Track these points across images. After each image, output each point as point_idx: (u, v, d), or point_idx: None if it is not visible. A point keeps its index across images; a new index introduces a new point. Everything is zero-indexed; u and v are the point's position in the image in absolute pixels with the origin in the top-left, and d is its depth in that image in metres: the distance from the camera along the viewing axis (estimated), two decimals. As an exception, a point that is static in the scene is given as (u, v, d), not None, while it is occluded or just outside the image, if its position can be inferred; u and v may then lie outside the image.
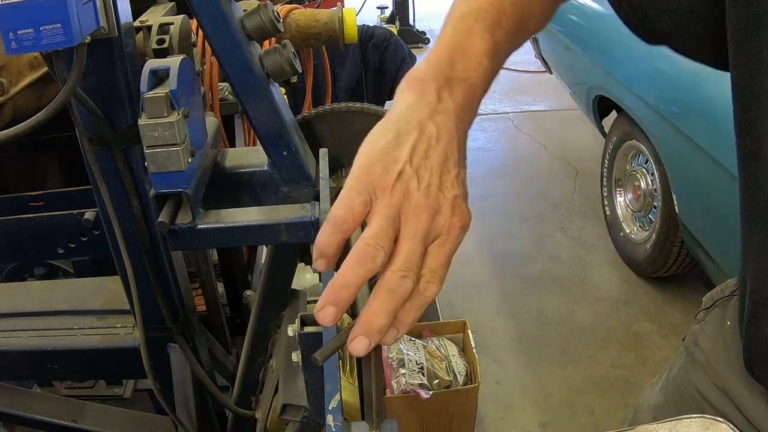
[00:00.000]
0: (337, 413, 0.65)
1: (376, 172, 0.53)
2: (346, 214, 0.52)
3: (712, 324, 0.94)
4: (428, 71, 0.60)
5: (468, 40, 0.62)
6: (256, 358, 1.39)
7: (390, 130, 0.55)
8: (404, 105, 0.58)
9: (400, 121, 0.56)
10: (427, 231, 0.52)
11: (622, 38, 2.77)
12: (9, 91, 1.26)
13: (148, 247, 1.12)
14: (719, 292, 0.95)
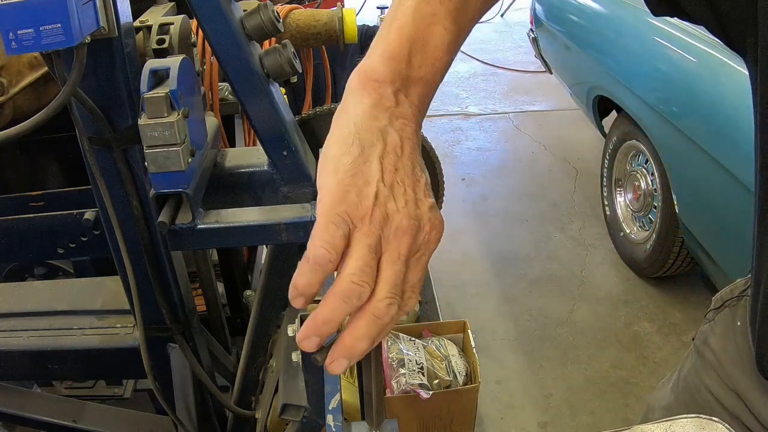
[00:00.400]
0: (337, 413, 0.65)
1: (351, 201, 0.50)
2: (328, 254, 0.50)
3: (722, 324, 0.94)
4: (385, 71, 0.56)
5: (429, 30, 0.58)
6: (256, 358, 1.39)
7: (352, 144, 0.52)
8: (360, 109, 0.54)
9: (361, 131, 0.53)
10: (409, 252, 0.51)
11: (622, 38, 2.77)
12: (9, 91, 1.26)
13: (148, 247, 1.12)
14: (729, 293, 0.95)
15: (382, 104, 0.55)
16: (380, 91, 0.55)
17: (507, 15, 7.13)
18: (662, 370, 2.42)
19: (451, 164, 3.98)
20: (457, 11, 0.60)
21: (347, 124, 0.54)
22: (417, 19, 0.59)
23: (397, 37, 0.58)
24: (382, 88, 0.56)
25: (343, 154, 0.52)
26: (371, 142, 0.52)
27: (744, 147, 1.86)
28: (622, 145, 2.89)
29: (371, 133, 0.53)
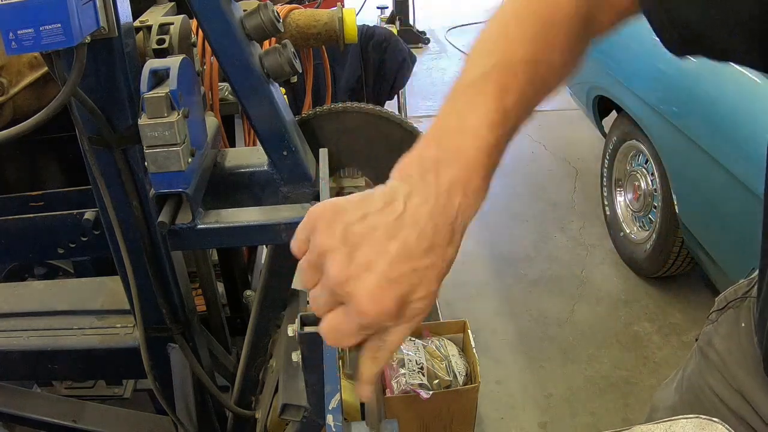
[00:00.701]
0: (337, 413, 0.65)
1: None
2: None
3: (726, 325, 0.94)
4: (414, 155, 0.54)
5: (466, 114, 0.55)
6: (256, 358, 1.39)
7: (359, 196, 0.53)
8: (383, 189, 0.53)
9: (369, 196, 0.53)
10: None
11: (622, 38, 2.77)
12: (9, 91, 1.25)
13: (148, 247, 1.12)
14: (732, 294, 0.95)
15: (405, 182, 0.54)
16: (406, 172, 0.55)
17: (507, 15, 7.12)
18: (662, 370, 2.42)
19: (451, 164, 3.97)
20: (500, 93, 0.57)
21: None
22: (452, 109, 0.57)
23: (433, 125, 0.57)
24: (409, 169, 0.54)
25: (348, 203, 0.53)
26: (372, 199, 0.53)
27: (744, 147, 1.86)
28: (622, 145, 2.89)
29: (378, 196, 0.53)
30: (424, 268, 0.52)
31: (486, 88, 0.55)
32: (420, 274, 0.52)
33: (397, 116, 1.21)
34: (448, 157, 0.53)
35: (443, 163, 0.53)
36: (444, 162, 0.53)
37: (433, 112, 4.79)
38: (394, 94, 2.70)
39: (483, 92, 0.55)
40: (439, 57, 6.03)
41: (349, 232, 0.51)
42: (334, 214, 0.52)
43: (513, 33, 0.60)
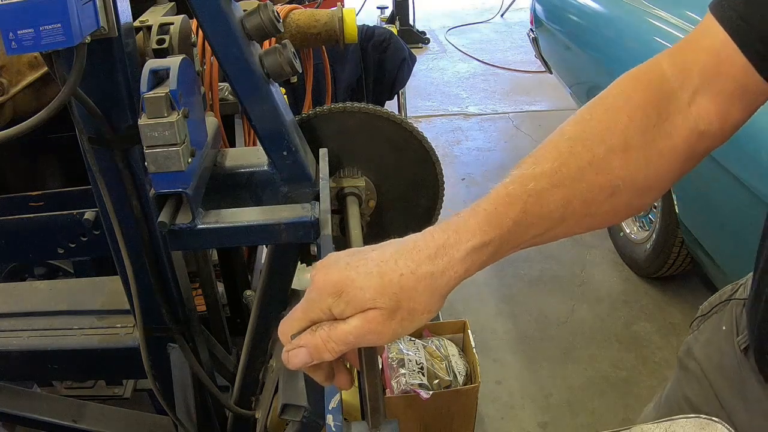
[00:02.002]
0: (337, 413, 0.65)
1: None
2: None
3: (707, 332, 0.94)
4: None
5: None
6: (256, 358, 1.39)
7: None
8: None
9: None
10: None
11: (622, 38, 2.77)
12: (9, 91, 1.25)
13: (148, 247, 1.12)
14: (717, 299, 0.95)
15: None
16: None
17: (507, 15, 7.13)
18: (662, 370, 2.42)
19: (451, 164, 3.98)
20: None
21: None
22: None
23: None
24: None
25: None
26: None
27: (744, 147, 1.86)
28: (622, 145, 2.88)
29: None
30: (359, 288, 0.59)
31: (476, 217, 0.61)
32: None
33: (397, 116, 1.21)
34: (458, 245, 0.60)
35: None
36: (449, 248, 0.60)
37: (433, 111, 4.81)
38: (394, 94, 2.70)
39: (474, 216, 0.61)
40: (439, 57, 6.03)
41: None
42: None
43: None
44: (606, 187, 0.63)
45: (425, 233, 0.61)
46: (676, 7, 2.45)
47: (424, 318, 0.59)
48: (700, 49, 0.66)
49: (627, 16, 2.75)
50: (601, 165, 0.62)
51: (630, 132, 0.63)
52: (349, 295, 0.59)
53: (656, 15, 2.51)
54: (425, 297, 0.59)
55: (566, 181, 0.61)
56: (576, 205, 0.62)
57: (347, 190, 1.20)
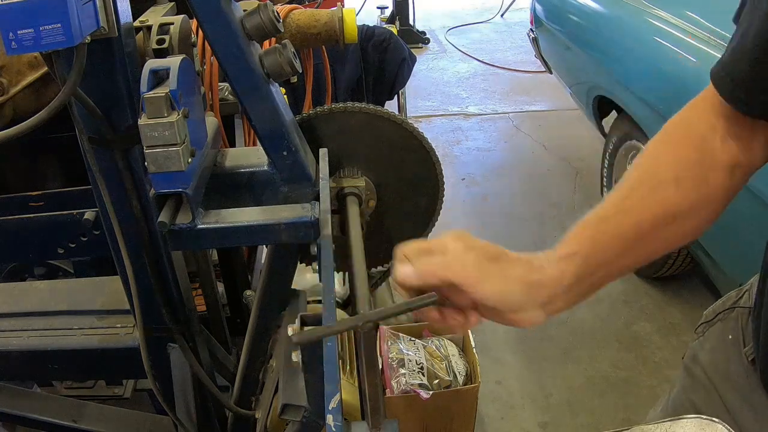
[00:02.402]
0: (337, 413, 0.65)
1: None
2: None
3: (712, 339, 0.93)
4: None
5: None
6: (256, 358, 1.39)
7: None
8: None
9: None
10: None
11: (622, 38, 2.77)
12: (9, 91, 1.25)
13: (148, 247, 1.12)
14: (721, 305, 0.94)
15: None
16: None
17: (507, 15, 7.13)
18: (662, 370, 2.42)
19: (451, 164, 3.98)
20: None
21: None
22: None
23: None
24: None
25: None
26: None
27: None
28: (622, 145, 2.89)
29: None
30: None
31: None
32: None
33: (397, 116, 1.21)
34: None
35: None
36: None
37: (432, 111, 4.81)
38: (394, 94, 2.70)
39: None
40: (439, 57, 6.03)
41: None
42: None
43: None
44: (668, 214, 0.74)
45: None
46: (676, 7, 2.45)
47: (515, 300, 0.68)
48: (711, 103, 0.77)
49: (627, 16, 2.75)
50: (660, 195, 0.75)
51: (678, 167, 0.76)
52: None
53: (656, 15, 2.51)
54: (518, 273, 0.69)
55: (633, 208, 0.75)
56: (645, 229, 0.74)
57: (347, 190, 1.20)
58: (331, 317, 0.79)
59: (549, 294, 0.70)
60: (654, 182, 0.75)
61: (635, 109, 2.59)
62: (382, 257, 1.40)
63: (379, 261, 1.41)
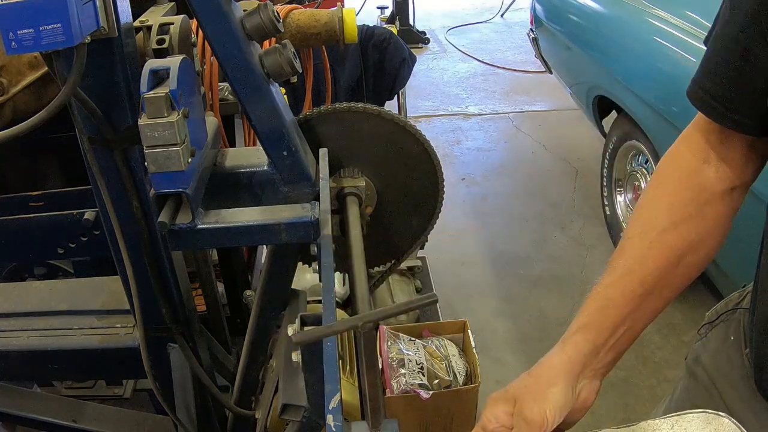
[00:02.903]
0: (337, 413, 0.65)
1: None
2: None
3: (714, 340, 0.94)
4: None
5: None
6: (256, 358, 1.39)
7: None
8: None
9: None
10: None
11: (622, 38, 2.77)
12: (9, 91, 1.26)
13: (148, 247, 1.12)
14: (723, 306, 0.95)
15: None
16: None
17: (507, 15, 7.13)
18: (662, 370, 2.42)
19: (451, 164, 3.98)
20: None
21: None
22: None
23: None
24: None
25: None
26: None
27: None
28: (622, 145, 2.89)
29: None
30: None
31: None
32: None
33: (397, 116, 1.21)
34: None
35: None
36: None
37: (432, 111, 4.81)
38: (394, 94, 2.70)
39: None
40: (439, 57, 6.03)
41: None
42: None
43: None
44: (672, 259, 0.78)
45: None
46: (676, 7, 2.45)
47: (550, 392, 0.73)
48: (701, 132, 0.80)
49: (627, 16, 2.75)
50: (660, 245, 0.78)
51: (673, 212, 0.79)
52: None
53: (656, 15, 2.51)
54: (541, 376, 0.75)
55: (635, 266, 0.78)
56: (652, 281, 0.77)
57: (347, 190, 1.20)
58: (331, 317, 0.79)
59: (579, 367, 0.75)
60: (652, 235, 0.78)
61: (635, 109, 2.60)
62: (383, 257, 1.40)
63: (379, 261, 1.41)
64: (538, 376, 0.75)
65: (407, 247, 1.38)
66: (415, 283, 2.36)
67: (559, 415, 0.73)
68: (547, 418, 0.71)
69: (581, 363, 0.75)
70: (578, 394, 0.76)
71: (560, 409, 0.73)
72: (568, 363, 0.75)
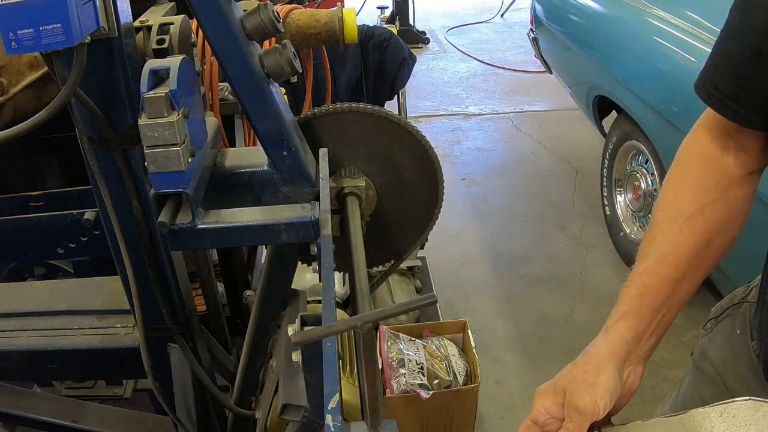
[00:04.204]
0: (336, 413, 0.65)
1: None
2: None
3: (720, 335, 0.94)
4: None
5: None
6: (256, 358, 1.39)
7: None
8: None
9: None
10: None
11: (622, 38, 2.77)
12: (9, 91, 1.26)
13: (148, 247, 1.12)
14: (728, 301, 0.95)
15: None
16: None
17: (507, 15, 7.13)
18: (661, 370, 2.42)
19: (451, 164, 3.98)
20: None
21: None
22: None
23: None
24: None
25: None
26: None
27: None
28: (622, 145, 2.89)
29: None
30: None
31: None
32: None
33: (397, 116, 1.21)
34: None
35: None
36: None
37: (432, 111, 4.81)
38: (394, 94, 2.70)
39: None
40: (439, 57, 6.03)
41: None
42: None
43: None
44: (701, 243, 0.81)
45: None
46: (676, 7, 2.45)
47: (599, 379, 0.75)
48: (718, 122, 0.83)
49: (627, 16, 2.75)
50: (689, 230, 0.81)
51: (699, 197, 0.82)
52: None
53: (656, 15, 2.51)
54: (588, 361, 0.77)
55: (668, 252, 0.81)
56: (685, 265, 0.81)
57: (347, 190, 1.20)
58: (331, 317, 0.79)
59: (624, 354, 0.77)
60: (681, 220, 0.82)
61: (635, 109, 2.60)
62: (383, 257, 1.40)
63: (379, 261, 1.41)
64: (585, 366, 0.76)
65: (407, 247, 1.38)
66: (415, 283, 2.36)
67: (609, 403, 0.74)
68: (599, 406, 0.73)
69: (626, 350, 0.77)
70: (625, 380, 0.78)
71: (610, 396, 0.74)
72: (614, 351, 0.76)
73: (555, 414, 0.76)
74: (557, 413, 0.76)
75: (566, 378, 0.77)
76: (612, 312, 0.81)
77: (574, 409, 0.74)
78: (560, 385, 0.77)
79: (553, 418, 0.76)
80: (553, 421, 0.76)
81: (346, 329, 0.68)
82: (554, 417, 0.76)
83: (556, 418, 0.76)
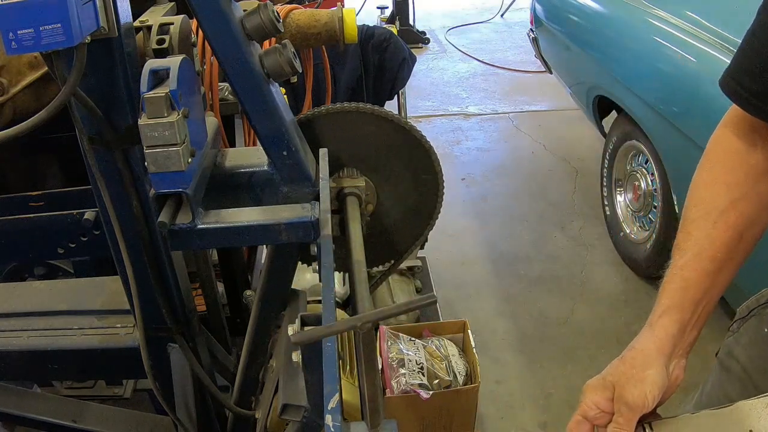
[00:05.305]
0: (336, 413, 0.65)
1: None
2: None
3: (748, 334, 0.95)
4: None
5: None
6: (256, 358, 1.39)
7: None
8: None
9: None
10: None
11: (622, 38, 2.77)
12: (9, 91, 1.26)
13: (148, 247, 1.12)
14: (755, 302, 0.96)
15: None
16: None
17: (507, 15, 7.13)
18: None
19: (451, 164, 3.98)
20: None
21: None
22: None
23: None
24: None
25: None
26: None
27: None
28: (622, 145, 2.89)
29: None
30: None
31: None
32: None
33: (397, 116, 1.21)
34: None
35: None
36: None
37: (432, 111, 4.81)
38: (394, 94, 2.70)
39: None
40: (439, 57, 6.03)
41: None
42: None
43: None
44: (735, 236, 0.83)
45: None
46: (676, 7, 2.45)
47: (646, 375, 0.78)
48: (744, 119, 0.86)
49: (627, 16, 2.75)
50: (723, 224, 0.83)
51: (731, 191, 0.84)
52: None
53: (656, 15, 2.51)
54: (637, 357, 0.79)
55: (704, 246, 0.83)
56: (721, 258, 0.82)
57: (347, 190, 1.20)
58: (331, 317, 0.79)
59: (670, 348, 0.80)
60: (715, 215, 0.84)
61: (635, 109, 2.59)
62: (382, 257, 1.40)
63: (379, 261, 1.41)
64: (633, 362, 0.78)
65: (407, 247, 1.38)
66: (415, 283, 2.36)
67: (658, 396, 0.77)
68: (648, 399, 0.76)
69: (671, 344, 0.80)
70: (670, 373, 0.80)
71: (659, 390, 0.77)
72: (660, 345, 0.79)
73: (605, 408, 0.78)
74: (607, 408, 0.78)
75: (615, 373, 0.79)
76: (654, 308, 0.83)
77: (624, 404, 0.76)
78: (609, 380, 0.79)
79: (603, 413, 0.79)
80: (603, 415, 0.79)
81: (346, 329, 0.68)
82: (604, 411, 0.79)
83: (605, 413, 0.78)
